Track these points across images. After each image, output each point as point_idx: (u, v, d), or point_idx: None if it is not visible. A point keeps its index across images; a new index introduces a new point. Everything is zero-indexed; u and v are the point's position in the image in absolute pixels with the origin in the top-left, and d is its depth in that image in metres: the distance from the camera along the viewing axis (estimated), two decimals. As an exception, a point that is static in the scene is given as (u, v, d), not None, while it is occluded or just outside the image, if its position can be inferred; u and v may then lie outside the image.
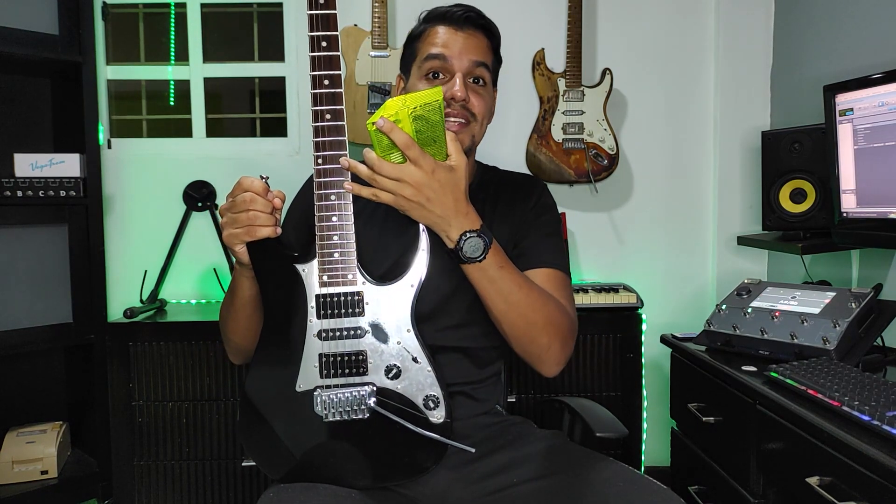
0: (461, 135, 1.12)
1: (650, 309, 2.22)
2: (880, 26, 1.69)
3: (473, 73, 1.14)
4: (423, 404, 1.00)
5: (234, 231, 0.97)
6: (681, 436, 1.66)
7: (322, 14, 0.97)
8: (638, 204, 2.36)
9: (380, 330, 1.00)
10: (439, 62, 1.13)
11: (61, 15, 2.01)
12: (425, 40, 1.16)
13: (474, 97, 1.13)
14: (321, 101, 0.97)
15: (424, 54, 1.14)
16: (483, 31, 1.16)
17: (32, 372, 2.18)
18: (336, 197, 0.98)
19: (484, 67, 1.15)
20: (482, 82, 1.16)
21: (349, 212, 0.98)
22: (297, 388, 1.00)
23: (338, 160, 0.97)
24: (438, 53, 1.12)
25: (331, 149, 0.98)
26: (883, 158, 1.42)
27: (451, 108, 1.12)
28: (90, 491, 2.05)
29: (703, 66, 2.33)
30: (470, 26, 1.15)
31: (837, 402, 1.05)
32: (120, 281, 2.33)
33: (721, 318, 1.48)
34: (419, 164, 0.93)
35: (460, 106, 1.12)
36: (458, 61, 1.12)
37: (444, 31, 1.14)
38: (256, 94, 2.60)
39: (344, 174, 0.98)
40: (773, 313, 1.40)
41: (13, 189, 1.97)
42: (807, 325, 1.34)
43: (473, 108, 1.13)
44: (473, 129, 1.15)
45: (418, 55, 1.17)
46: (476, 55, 1.13)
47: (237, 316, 1.10)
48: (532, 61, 2.25)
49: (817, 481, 1.02)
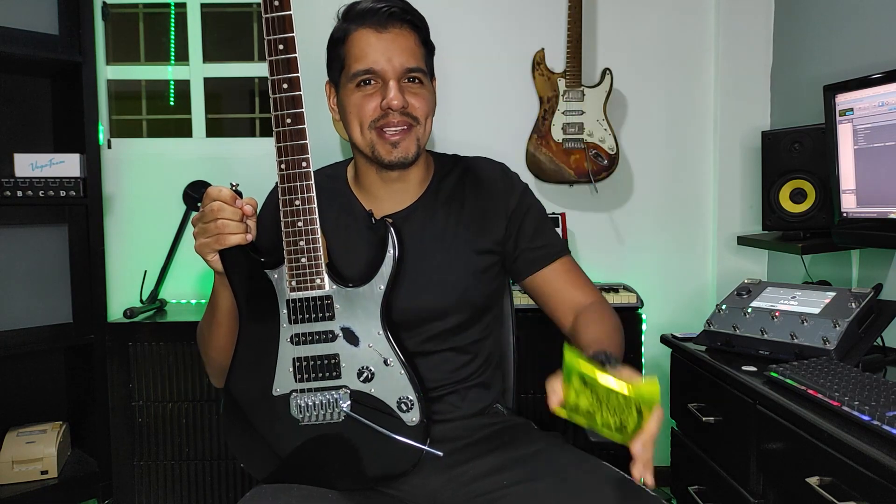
0: (405, 142, 1.08)
1: (650, 309, 2.22)
2: (880, 26, 1.69)
3: (408, 76, 1.08)
4: (397, 406, 1.00)
5: (204, 241, 0.99)
6: (681, 436, 1.66)
7: (277, 17, 0.96)
8: (638, 204, 2.36)
9: (351, 333, 1.01)
10: (370, 75, 1.06)
11: (61, 15, 2.01)
12: (349, 49, 1.08)
13: (413, 99, 1.07)
14: (281, 105, 0.98)
15: (351, 69, 1.07)
16: (409, 26, 1.08)
17: (32, 372, 2.18)
18: (300, 202, 0.99)
19: (418, 71, 1.08)
20: (418, 80, 1.09)
21: (314, 215, 0.99)
22: (273, 392, 1.01)
23: (300, 164, 0.99)
24: (366, 69, 1.06)
25: (293, 154, 0.99)
26: (883, 158, 1.42)
27: (391, 116, 1.06)
28: (90, 491, 2.05)
29: (703, 66, 2.33)
30: (395, 24, 1.06)
31: (837, 402, 1.05)
32: (120, 281, 2.33)
33: (721, 318, 1.48)
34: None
35: (400, 113, 1.06)
36: (388, 67, 1.06)
37: (368, 37, 1.06)
38: (256, 94, 2.60)
39: (308, 178, 0.99)
40: (773, 313, 1.40)
41: (13, 189, 1.97)
42: (807, 325, 1.34)
43: (415, 112, 1.08)
44: (418, 133, 1.10)
45: (345, 66, 1.09)
46: (407, 59, 1.06)
47: (219, 331, 1.09)
48: (532, 61, 2.25)
49: (817, 481, 1.02)
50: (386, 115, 1.06)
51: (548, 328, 1.23)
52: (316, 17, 2.34)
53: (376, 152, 1.08)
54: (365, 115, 1.07)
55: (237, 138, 2.54)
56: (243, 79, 2.50)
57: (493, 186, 1.18)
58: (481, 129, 2.32)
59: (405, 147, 1.08)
